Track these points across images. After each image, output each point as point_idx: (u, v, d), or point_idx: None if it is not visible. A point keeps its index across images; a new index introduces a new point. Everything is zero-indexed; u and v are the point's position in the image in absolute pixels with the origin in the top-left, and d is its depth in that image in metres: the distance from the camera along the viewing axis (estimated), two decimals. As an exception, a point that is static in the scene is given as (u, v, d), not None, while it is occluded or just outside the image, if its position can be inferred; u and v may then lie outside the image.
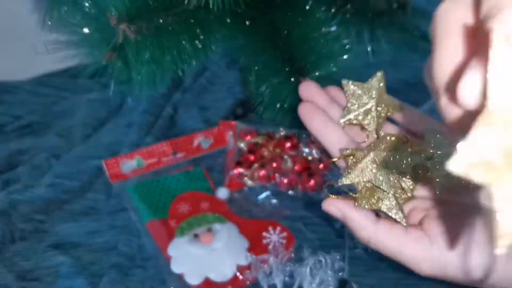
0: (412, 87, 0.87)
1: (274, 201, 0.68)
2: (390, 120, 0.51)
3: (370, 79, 0.48)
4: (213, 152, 0.74)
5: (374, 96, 0.47)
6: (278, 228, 0.64)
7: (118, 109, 0.82)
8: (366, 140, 0.47)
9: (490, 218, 0.19)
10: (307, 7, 0.70)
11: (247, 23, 0.70)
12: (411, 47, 0.81)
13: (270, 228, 0.64)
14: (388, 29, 0.77)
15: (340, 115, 0.47)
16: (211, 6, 0.55)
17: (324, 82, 0.53)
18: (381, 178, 0.39)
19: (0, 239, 0.62)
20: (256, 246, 0.62)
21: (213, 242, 0.61)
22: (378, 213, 0.40)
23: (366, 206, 0.39)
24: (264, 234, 0.63)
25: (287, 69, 0.68)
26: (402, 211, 0.38)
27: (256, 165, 0.69)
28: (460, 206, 0.38)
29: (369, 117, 0.46)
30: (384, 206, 0.38)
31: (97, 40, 0.65)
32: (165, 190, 0.67)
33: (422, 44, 0.79)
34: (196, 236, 0.62)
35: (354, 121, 0.47)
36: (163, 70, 0.66)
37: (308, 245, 0.60)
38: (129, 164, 0.70)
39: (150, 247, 0.62)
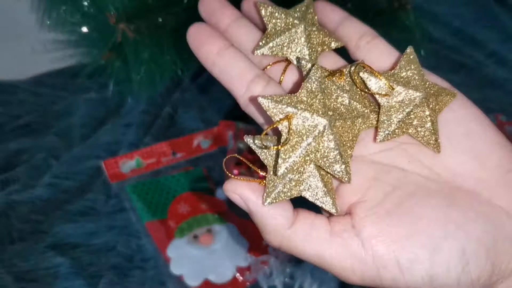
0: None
1: (274, 201, 0.68)
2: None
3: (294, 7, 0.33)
4: (212, 152, 0.74)
5: (301, 18, 0.32)
6: (278, 229, 0.63)
7: (117, 109, 0.82)
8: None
9: None
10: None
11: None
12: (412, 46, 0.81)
13: (270, 229, 0.63)
14: (389, 28, 0.77)
15: (255, 43, 0.32)
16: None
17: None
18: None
19: (-2, 240, 0.62)
20: (256, 247, 0.62)
21: (213, 243, 0.61)
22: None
23: (279, 199, 0.27)
24: (264, 235, 0.63)
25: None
26: (332, 194, 0.27)
27: (256, 165, 0.68)
28: (407, 181, 0.28)
29: (297, 47, 0.31)
30: (306, 191, 0.27)
31: (96, 40, 0.65)
32: (164, 191, 0.67)
33: (423, 44, 0.79)
34: (195, 237, 0.62)
35: (275, 52, 0.32)
36: (162, 69, 0.65)
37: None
38: (128, 164, 0.69)
39: (150, 248, 0.62)
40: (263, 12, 0.32)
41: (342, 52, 0.33)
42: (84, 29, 0.66)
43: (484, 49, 0.93)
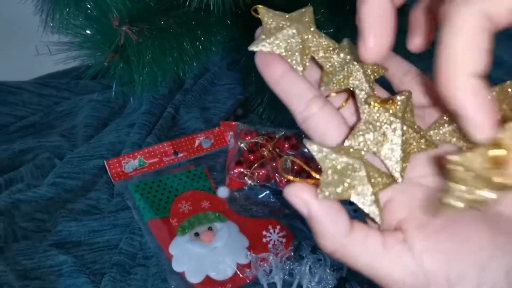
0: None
1: (273, 200, 0.68)
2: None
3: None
4: (214, 152, 0.75)
5: (351, 53, 0.33)
6: (278, 227, 0.64)
7: (120, 109, 0.82)
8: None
9: None
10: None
11: (248, 24, 0.70)
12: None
13: (270, 227, 0.64)
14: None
15: (319, 82, 0.33)
16: (212, 8, 0.55)
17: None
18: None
19: (2, 238, 0.63)
20: (256, 245, 0.62)
21: (214, 241, 0.62)
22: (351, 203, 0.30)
23: (331, 196, 0.28)
24: (264, 233, 0.64)
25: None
26: (378, 205, 0.28)
27: (256, 164, 0.69)
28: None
29: (356, 76, 0.33)
30: (356, 196, 0.28)
31: (99, 42, 0.65)
32: (166, 189, 0.68)
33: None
34: (197, 234, 0.63)
35: (338, 86, 0.33)
36: (164, 71, 0.66)
37: (308, 244, 0.60)
38: (131, 163, 0.70)
39: (152, 245, 0.63)
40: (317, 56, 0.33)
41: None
42: (88, 32, 0.66)
43: (481, 51, 0.93)
